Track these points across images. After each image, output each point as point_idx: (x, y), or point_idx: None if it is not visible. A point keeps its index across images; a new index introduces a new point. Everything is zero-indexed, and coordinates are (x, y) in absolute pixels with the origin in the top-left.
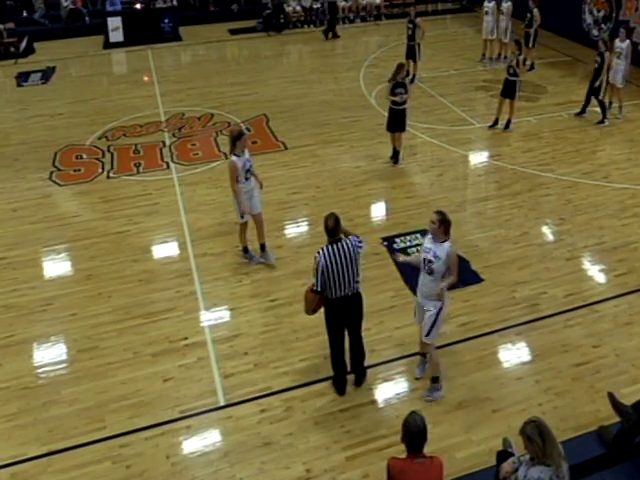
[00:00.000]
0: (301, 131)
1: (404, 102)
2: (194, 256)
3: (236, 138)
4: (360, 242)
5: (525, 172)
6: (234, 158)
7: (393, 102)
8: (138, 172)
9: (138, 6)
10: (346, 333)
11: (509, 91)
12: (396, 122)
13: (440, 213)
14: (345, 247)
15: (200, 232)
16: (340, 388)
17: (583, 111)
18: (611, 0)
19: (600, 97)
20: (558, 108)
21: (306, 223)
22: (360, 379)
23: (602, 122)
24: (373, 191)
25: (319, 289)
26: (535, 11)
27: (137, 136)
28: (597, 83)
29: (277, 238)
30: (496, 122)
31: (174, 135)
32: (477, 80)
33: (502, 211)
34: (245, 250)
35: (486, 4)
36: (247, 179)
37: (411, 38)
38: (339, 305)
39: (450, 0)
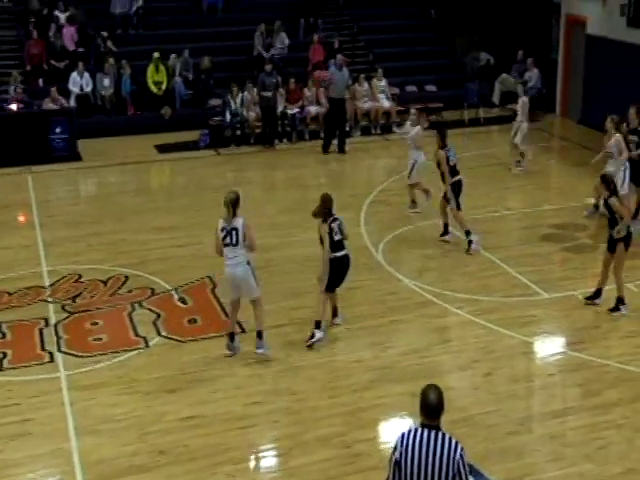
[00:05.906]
0: (269, 303)
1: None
2: None
3: (237, 201)
4: (462, 450)
5: (626, 370)
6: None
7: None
8: (0, 368)
9: (13, 107)
10: None
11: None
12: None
13: None
14: (440, 443)
15: (101, 468)
16: None
17: None
18: None
19: None
20: None
21: (273, 453)
22: None
23: None
24: (384, 400)
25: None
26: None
27: (2, 309)
28: None
29: (227, 477)
30: (598, 294)
31: (64, 309)
32: (542, 225)
33: (591, 433)
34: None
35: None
36: None
37: None
38: None
39: (497, 105)
